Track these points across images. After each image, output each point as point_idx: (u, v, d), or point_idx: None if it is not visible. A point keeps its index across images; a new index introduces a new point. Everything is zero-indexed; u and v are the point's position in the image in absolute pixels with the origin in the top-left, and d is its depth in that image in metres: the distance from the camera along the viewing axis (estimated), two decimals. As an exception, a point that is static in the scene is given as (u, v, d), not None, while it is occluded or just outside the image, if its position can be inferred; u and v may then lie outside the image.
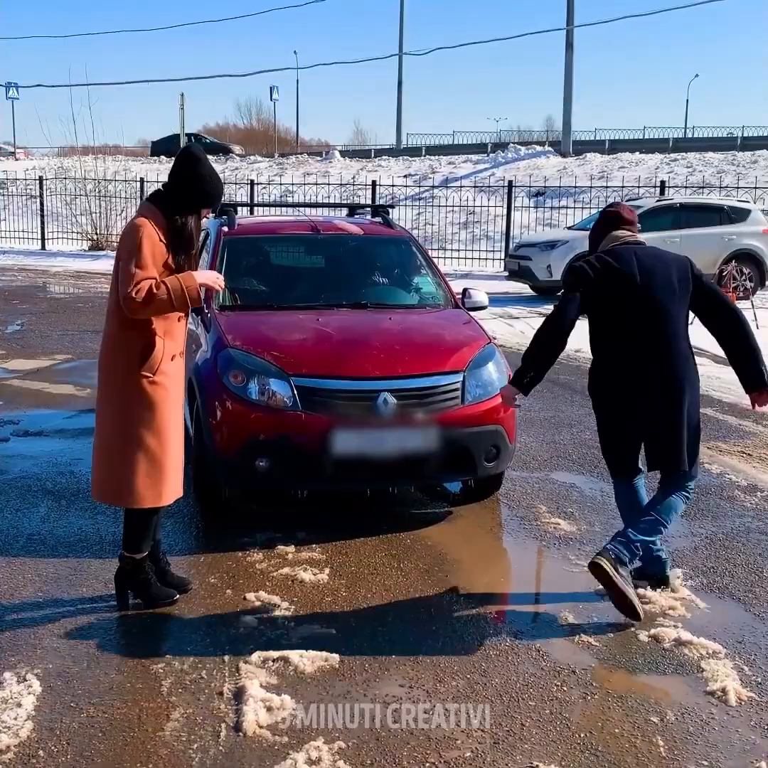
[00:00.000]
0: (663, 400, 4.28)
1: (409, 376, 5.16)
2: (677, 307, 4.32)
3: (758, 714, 3.47)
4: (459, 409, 5.17)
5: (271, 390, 5.05)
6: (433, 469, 5.22)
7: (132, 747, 3.21)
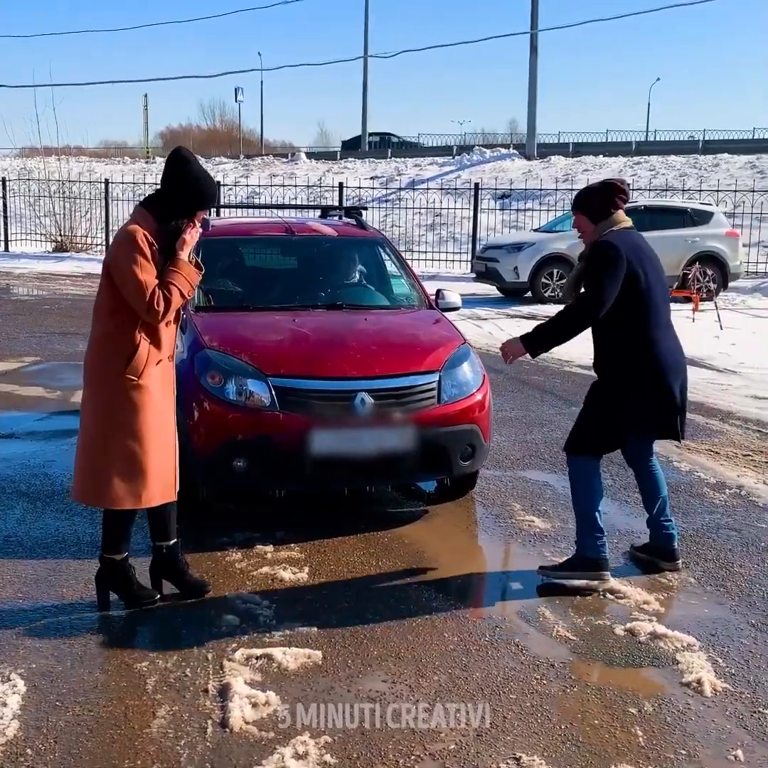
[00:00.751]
0: (679, 381, 4.57)
1: (386, 376, 5.21)
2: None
3: (733, 704, 3.56)
4: (435, 409, 5.23)
5: (248, 390, 5.08)
6: (410, 468, 5.27)
7: (119, 744, 3.23)
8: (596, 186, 4.68)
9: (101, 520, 4.43)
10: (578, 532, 4.65)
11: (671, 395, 4.54)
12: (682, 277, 15.44)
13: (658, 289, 4.55)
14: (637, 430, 4.60)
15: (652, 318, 4.50)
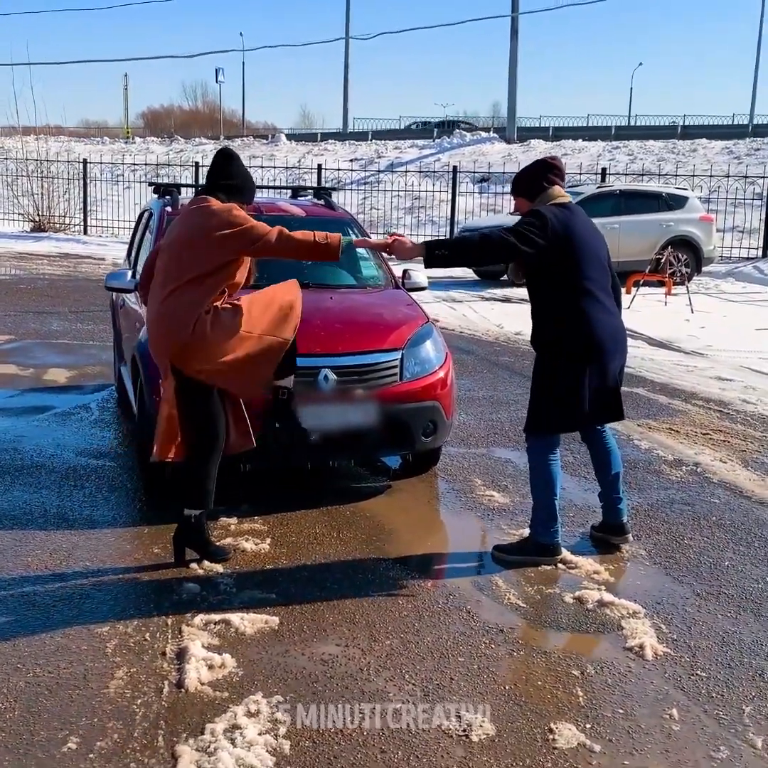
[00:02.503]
0: (621, 356, 4.64)
1: (349, 354, 5.31)
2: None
3: (672, 667, 3.71)
4: (397, 386, 5.34)
5: None
6: (372, 443, 5.39)
7: (77, 703, 3.34)
8: (528, 166, 4.75)
9: (69, 492, 4.54)
10: (533, 517, 4.74)
11: (602, 373, 4.53)
12: (655, 260, 15.59)
13: (592, 265, 4.52)
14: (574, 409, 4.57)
15: (581, 293, 4.47)
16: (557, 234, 4.40)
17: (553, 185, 4.61)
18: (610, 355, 4.55)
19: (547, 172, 4.62)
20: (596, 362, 4.51)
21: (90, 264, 19.01)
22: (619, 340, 4.63)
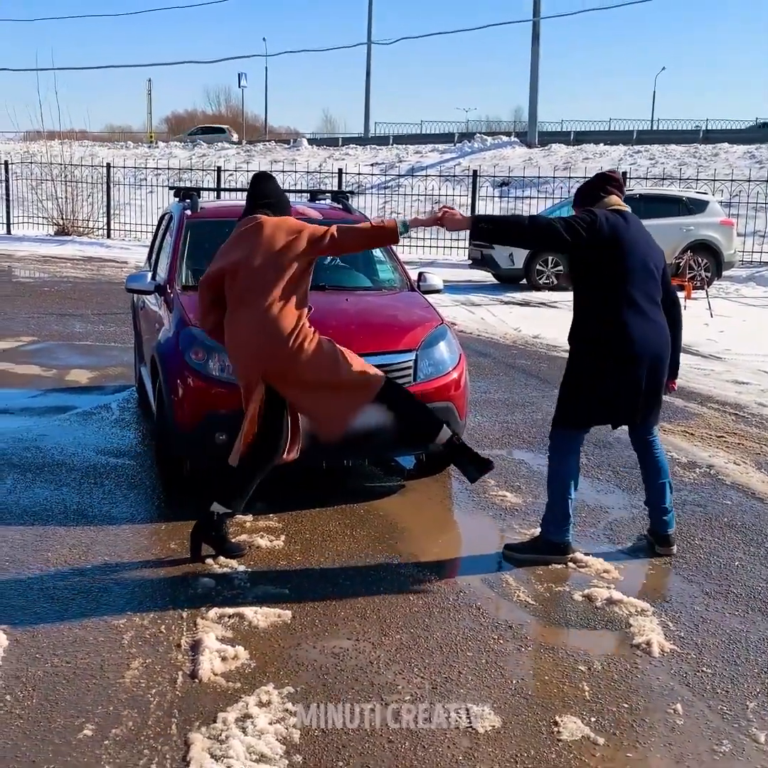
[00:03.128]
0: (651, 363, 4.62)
1: (364, 355, 5.34)
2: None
3: (678, 664, 3.76)
4: (411, 387, 5.37)
5: (230, 366, 5.24)
6: (386, 443, 5.43)
7: (94, 692, 3.43)
8: (587, 180, 4.90)
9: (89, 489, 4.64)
10: (546, 514, 4.79)
11: (630, 375, 4.57)
12: (675, 264, 15.59)
13: (637, 272, 4.56)
14: (597, 407, 4.64)
15: (620, 296, 4.53)
16: (603, 233, 4.46)
17: (610, 195, 4.70)
18: (638, 360, 4.55)
19: (605, 183, 4.74)
20: (624, 364, 4.55)
21: (113, 267, 19.21)
22: (651, 347, 4.58)
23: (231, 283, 4.63)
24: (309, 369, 4.53)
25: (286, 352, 4.50)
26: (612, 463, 6.44)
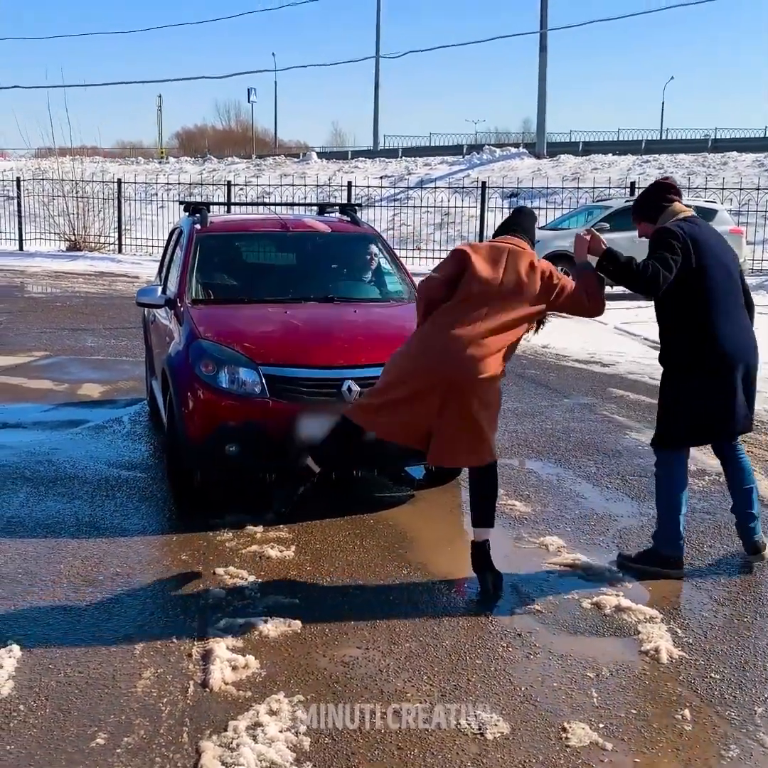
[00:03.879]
0: (747, 369, 4.58)
1: (372, 365, 5.37)
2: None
3: (687, 670, 3.77)
4: None
5: (240, 379, 5.29)
6: (395, 453, 5.45)
7: (106, 702, 3.47)
8: (643, 191, 4.84)
9: (101, 502, 4.66)
10: (657, 529, 4.73)
11: (729, 390, 4.51)
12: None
13: (722, 277, 4.51)
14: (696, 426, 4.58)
15: (711, 305, 4.47)
16: (689, 252, 4.41)
17: (674, 203, 4.64)
18: (736, 369, 4.51)
19: (663, 192, 4.69)
20: (723, 376, 4.51)
21: (124, 282, 19.32)
22: (743, 355, 4.55)
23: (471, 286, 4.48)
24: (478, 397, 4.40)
25: (497, 374, 4.44)
26: (621, 471, 6.45)
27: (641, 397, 8.80)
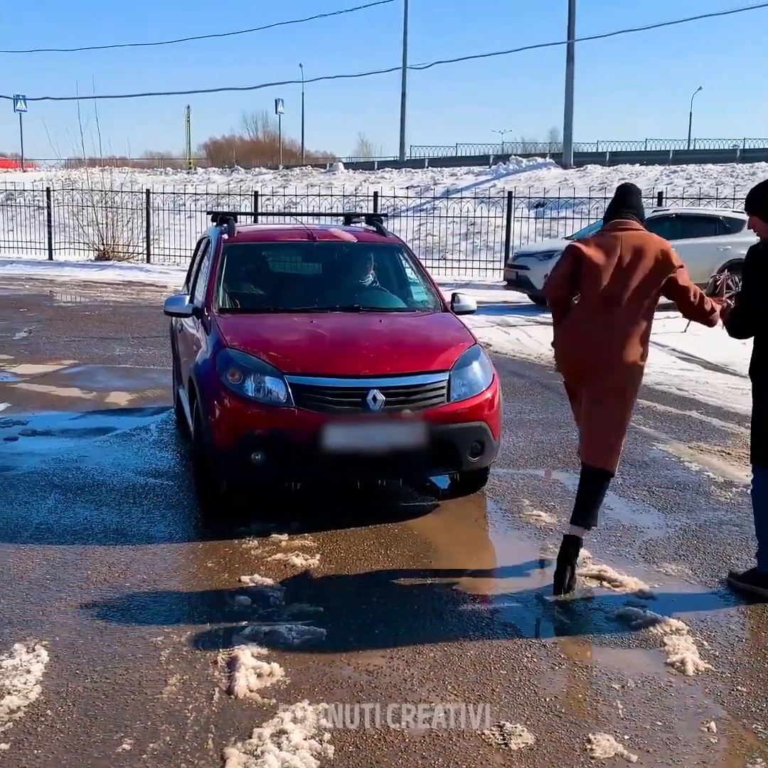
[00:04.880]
0: None
1: (398, 375, 5.43)
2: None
3: (713, 683, 3.75)
4: (444, 406, 5.43)
5: (266, 387, 5.32)
6: (420, 463, 5.50)
7: (132, 708, 3.49)
8: (763, 183, 4.61)
9: (128, 509, 4.71)
10: (760, 548, 4.61)
11: None
12: (712, 283, 15.49)
13: None
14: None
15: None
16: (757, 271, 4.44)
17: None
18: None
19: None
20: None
21: (152, 291, 19.45)
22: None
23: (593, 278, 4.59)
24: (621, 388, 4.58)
25: (641, 362, 4.59)
26: (648, 482, 6.42)
27: (668, 408, 8.75)
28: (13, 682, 3.63)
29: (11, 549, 5.04)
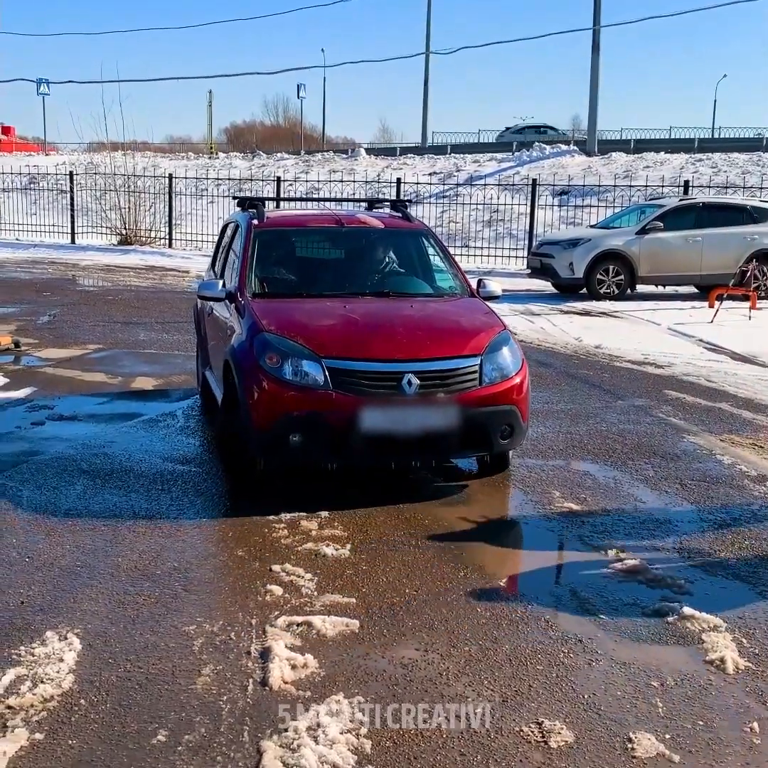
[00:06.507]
0: None
1: (432, 359, 5.54)
2: None
3: (754, 681, 3.68)
4: (476, 390, 5.53)
5: (304, 371, 5.42)
6: (453, 445, 5.61)
7: (166, 698, 3.46)
8: None
9: (157, 496, 4.69)
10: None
11: None
12: (740, 274, 15.35)
13: None
14: None
15: None
16: None
17: None
18: None
19: None
20: None
21: (175, 276, 19.46)
22: None
23: None
24: None
25: None
26: (679, 475, 6.34)
27: (698, 399, 8.65)
28: (46, 671, 3.61)
29: (41, 535, 5.03)
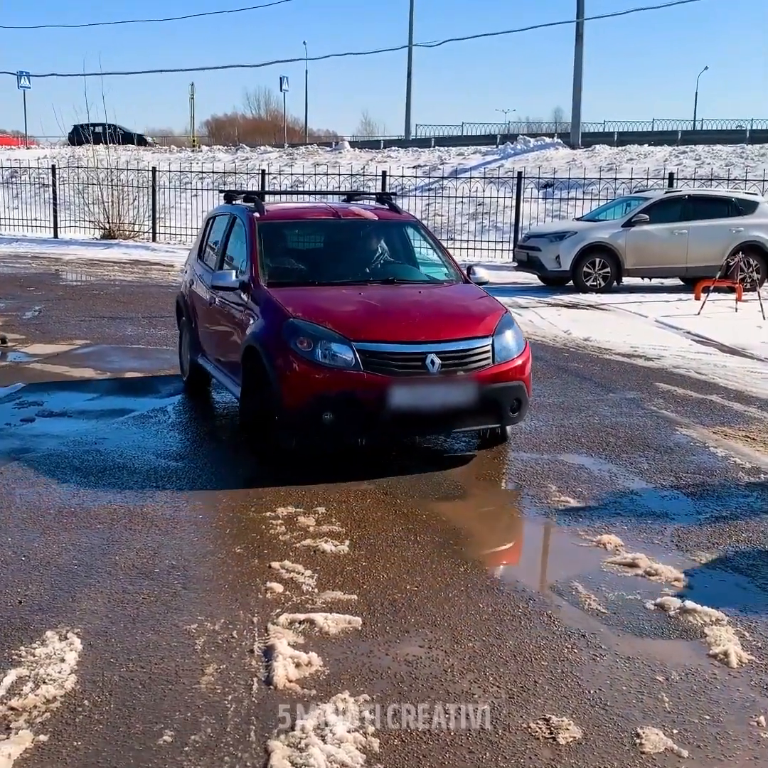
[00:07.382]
0: None
1: (451, 340, 5.99)
2: None
3: (758, 675, 3.68)
4: (490, 368, 6.05)
5: (334, 353, 5.77)
6: (469, 418, 6.05)
7: (171, 698, 3.43)
8: None
9: (151, 492, 4.65)
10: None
11: None
12: (725, 266, 15.40)
13: None
14: None
15: None
16: None
17: None
18: None
19: None
20: None
21: (159, 270, 19.34)
22: None
23: None
24: None
25: None
26: (674, 468, 6.35)
27: (689, 392, 8.66)
28: (47, 671, 3.57)
29: (35, 533, 4.98)
